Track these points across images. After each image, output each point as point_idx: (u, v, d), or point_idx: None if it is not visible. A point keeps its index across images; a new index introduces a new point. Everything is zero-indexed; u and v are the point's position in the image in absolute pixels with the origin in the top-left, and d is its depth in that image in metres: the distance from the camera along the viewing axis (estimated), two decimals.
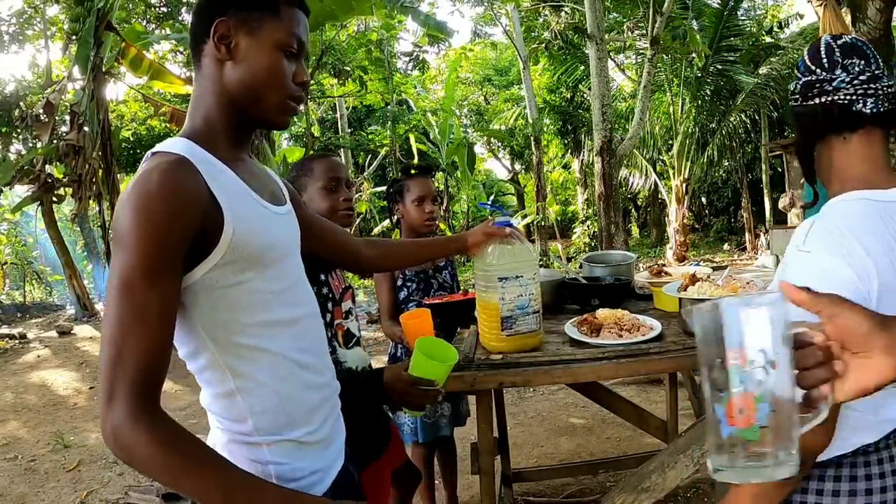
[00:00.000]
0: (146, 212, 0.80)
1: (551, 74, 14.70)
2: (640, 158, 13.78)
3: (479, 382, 1.52)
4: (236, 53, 0.94)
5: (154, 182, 0.82)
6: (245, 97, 0.95)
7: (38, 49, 13.20)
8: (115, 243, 0.82)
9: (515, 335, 1.45)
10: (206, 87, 0.96)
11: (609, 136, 8.27)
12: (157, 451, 0.77)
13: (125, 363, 0.79)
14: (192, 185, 0.85)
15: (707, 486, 2.81)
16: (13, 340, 8.54)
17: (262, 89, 0.95)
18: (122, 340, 0.79)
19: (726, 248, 15.33)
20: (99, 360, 0.82)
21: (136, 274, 0.80)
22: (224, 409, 0.93)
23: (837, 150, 0.99)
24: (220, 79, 0.95)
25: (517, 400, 4.45)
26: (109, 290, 0.82)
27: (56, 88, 7.40)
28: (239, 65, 0.94)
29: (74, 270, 10.71)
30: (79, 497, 3.38)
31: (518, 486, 2.86)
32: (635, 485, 1.59)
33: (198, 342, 0.90)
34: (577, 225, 15.61)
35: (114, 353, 0.79)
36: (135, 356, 0.79)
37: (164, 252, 0.81)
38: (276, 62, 0.94)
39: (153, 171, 0.83)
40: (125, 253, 0.80)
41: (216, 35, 0.93)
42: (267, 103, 0.96)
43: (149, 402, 0.80)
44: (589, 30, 8.45)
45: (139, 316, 0.79)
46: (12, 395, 5.82)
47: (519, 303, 1.42)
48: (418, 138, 14.68)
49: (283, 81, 0.96)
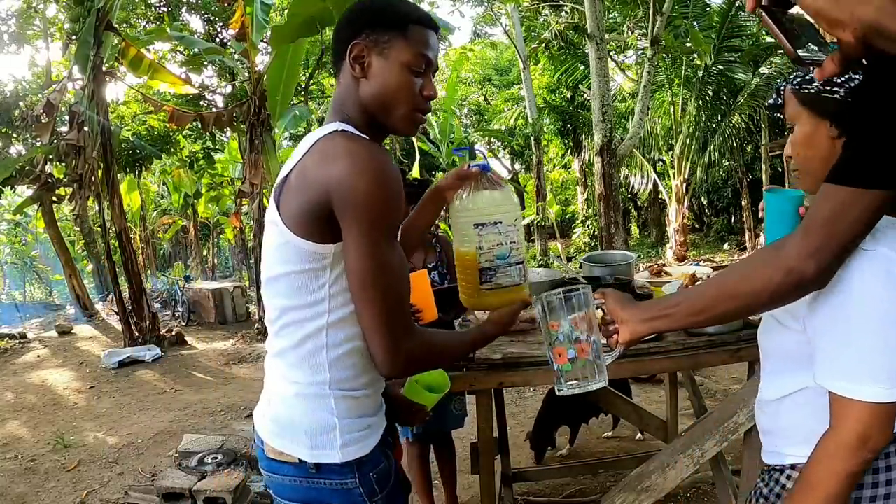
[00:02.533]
0: (387, 186, 0.97)
1: (551, 74, 14.68)
2: (640, 158, 13.77)
3: (479, 382, 1.52)
4: (369, 72, 1.05)
5: (385, 162, 0.98)
6: (377, 109, 1.07)
7: (38, 49, 13.23)
8: (360, 206, 0.95)
9: (496, 289, 1.26)
10: (345, 97, 1.08)
11: (609, 136, 8.27)
12: (426, 353, 1.07)
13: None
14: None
15: (707, 486, 2.81)
16: (13, 340, 8.54)
17: (392, 103, 1.06)
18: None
19: (726, 248, 15.33)
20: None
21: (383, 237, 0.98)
22: (307, 362, 1.05)
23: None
24: (357, 92, 1.07)
25: (517, 400, 4.45)
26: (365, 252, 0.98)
27: (56, 88, 7.39)
28: (371, 82, 1.05)
29: (74, 270, 10.72)
30: (79, 497, 3.38)
31: (518, 486, 2.86)
32: (635, 485, 1.59)
33: (317, 297, 1.03)
34: (577, 225, 15.60)
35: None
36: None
37: (397, 220, 1.02)
38: (403, 80, 1.05)
39: (376, 152, 0.98)
40: (374, 214, 0.96)
41: (351, 56, 1.05)
42: (396, 115, 1.07)
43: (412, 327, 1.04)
44: (589, 29, 8.45)
45: (388, 268, 0.99)
46: (12, 395, 5.83)
47: (499, 252, 1.24)
48: (419, 138, 14.68)
49: (410, 97, 1.06)
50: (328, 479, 1.03)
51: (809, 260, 0.82)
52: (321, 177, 0.97)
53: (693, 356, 1.57)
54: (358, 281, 0.98)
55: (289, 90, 7.61)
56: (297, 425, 1.04)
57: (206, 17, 11.80)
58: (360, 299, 0.99)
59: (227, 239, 21.54)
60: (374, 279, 0.97)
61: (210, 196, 16.79)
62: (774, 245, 0.88)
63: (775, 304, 0.89)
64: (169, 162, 14.37)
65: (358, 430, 1.06)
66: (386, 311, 0.98)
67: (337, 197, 0.95)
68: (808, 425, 0.94)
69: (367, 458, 1.06)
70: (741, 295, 0.90)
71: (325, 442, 1.03)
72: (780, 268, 0.84)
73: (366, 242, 0.96)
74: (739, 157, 14.45)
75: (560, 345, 1.05)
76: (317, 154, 1.00)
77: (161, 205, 20.94)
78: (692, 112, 12.38)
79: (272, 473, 1.08)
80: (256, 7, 7.23)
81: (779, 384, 1.02)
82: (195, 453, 3.24)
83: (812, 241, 0.82)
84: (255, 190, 7.60)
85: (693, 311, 0.95)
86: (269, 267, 1.06)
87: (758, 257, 0.92)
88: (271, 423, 1.08)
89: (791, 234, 0.86)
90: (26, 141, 10.01)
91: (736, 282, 0.91)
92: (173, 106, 8.10)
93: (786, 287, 0.85)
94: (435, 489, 2.76)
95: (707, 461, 1.70)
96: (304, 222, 0.99)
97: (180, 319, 9.78)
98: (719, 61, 12.11)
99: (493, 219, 1.23)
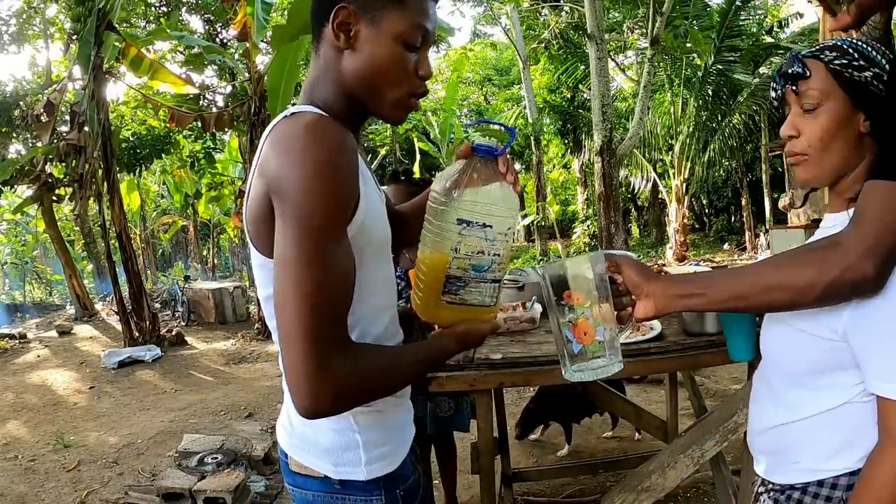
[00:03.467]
0: (329, 178, 0.78)
1: (551, 74, 14.70)
2: (640, 158, 13.78)
3: (479, 382, 1.52)
4: (355, 43, 0.89)
5: (334, 149, 0.80)
6: (362, 90, 0.90)
7: (38, 49, 13.23)
8: (288, 201, 0.78)
9: (459, 305, 0.97)
10: (323, 72, 0.92)
11: (609, 136, 8.27)
12: (363, 380, 0.82)
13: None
14: (352, 145, 0.84)
15: (707, 486, 2.81)
16: (13, 340, 8.55)
17: (381, 84, 0.90)
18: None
19: (726, 248, 15.34)
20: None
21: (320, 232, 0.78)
22: None
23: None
24: (338, 66, 0.90)
25: (517, 400, 4.44)
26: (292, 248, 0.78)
27: (56, 88, 7.40)
28: (357, 55, 0.89)
29: (74, 270, 10.73)
30: (79, 497, 3.38)
31: (518, 486, 2.86)
32: (635, 485, 1.59)
33: None
34: (577, 225, 15.60)
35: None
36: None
37: (339, 218, 0.81)
38: (396, 56, 0.89)
39: (328, 134, 0.80)
40: (305, 210, 0.78)
41: (336, 21, 0.88)
42: (384, 98, 0.91)
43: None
44: (589, 29, 8.45)
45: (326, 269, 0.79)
46: (12, 395, 5.83)
47: (476, 262, 0.94)
48: (419, 138, 14.68)
49: (403, 77, 0.90)
50: (353, 495, 0.96)
51: (867, 258, 0.79)
52: (265, 173, 0.82)
53: (693, 356, 1.57)
54: (278, 283, 0.78)
55: (289, 90, 7.62)
56: (319, 442, 0.95)
57: (206, 17, 11.81)
58: (277, 306, 0.78)
59: (229, 237, 21.54)
60: (298, 280, 0.76)
61: (210, 196, 16.77)
62: (827, 240, 0.85)
63: (823, 301, 0.84)
64: (169, 162, 14.37)
65: (383, 445, 0.97)
66: (311, 320, 0.75)
67: (273, 193, 0.80)
68: (841, 437, 0.90)
69: (395, 473, 0.97)
70: (789, 287, 0.84)
71: (349, 459, 0.94)
72: (838, 264, 0.80)
73: (292, 237, 0.77)
74: (739, 157, 14.46)
75: (587, 320, 0.90)
76: (266, 147, 0.85)
77: (161, 205, 20.95)
78: (692, 112, 12.39)
79: (296, 487, 1.01)
80: (257, 7, 7.24)
81: (804, 400, 0.95)
82: (195, 453, 3.24)
83: (868, 238, 0.79)
84: None
85: (733, 294, 0.88)
86: (258, 284, 0.94)
87: (810, 251, 0.86)
88: (293, 437, 1.00)
89: (844, 231, 0.83)
90: (26, 141, 10.02)
91: (784, 273, 0.85)
92: (173, 106, 8.10)
93: (841, 284, 0.81)
94: (435, 489, 2.77)
95: (707, 461, 1.70)
96: (260, 231, 0.85)
97: (180, 319, 9.79)
98: (719, 61, 12.12)
99: (482, 219, 0.93)
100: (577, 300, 0.90)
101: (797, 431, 0.95)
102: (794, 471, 0.96)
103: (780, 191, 11.72)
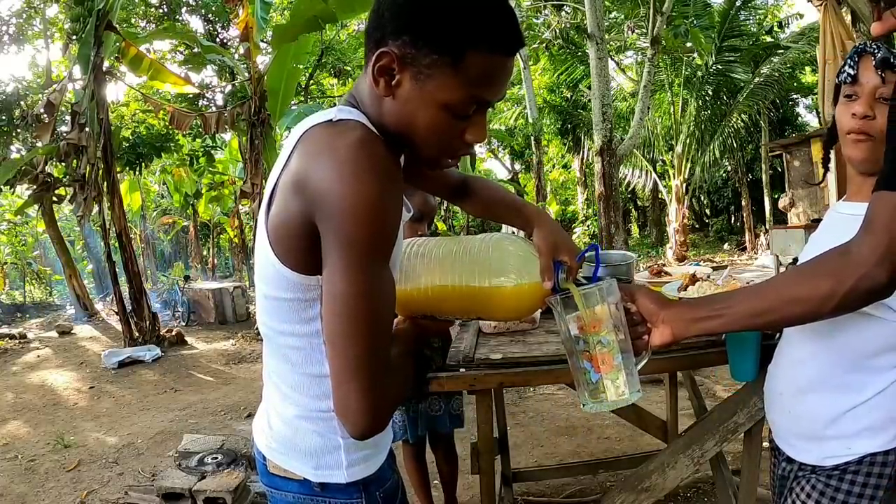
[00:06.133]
0: (379, 198, 0.74)
1: (551, 74, 14.70)
2: (640, 158, 13.78)
3: (479, 382, 1.52)
4: (397, 92, 0.79)
5: (379, 165, 0.75)
6: (401, 135, 0.83)
7: (38, 49, 13.23)
8: (341, 231, 0.75)
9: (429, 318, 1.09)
10: (369, 97, 0.84)
11: (609, 136, 8.27)
12: (399, 394, 0.88)
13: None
14: (399, 172, 0.83)
15: (707, 486, 2.81)
16: (13, 340, 8.55)
17: (419, 143, 0.83)
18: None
19: (726, 248, 15.35)
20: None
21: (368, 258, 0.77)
22: (309, 387, 0.93)
23: None
24: (379, 106, 0.83)
25: (517, 400, 4.44)
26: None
27: (56, 88, 7.39)
28: (396, 104, 0.80)
29: (74, 270, 10.73)
30: (79, 497, 3.38)
31: (518, 486, 2.86)
32: (635, 485, 1.59)
33: (312, 328, 0.89)
34: (578, 225, 15.61)
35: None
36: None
37: (388, 239, 0.79)
38: (441, 123, 0.80)
39: (373, 150, 0.76)
40: (360, 247, 0.76)
41: (377, 65, 0.78)
42: (420, 153, 0.86)
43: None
44: (589, 29, 8.45)
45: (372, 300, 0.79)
46: (12, 395, 5.83)
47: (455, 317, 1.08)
48: None
49: (444, 142, 0.83)
50: (334, 497, 0.97)
51: (881, 266, 0.81)
52: (305, 191, 0.77)
53: (693, 356, 1.57)
54: (330, 316, 0.77)
55: (289, 90, 7.64)
56: (300, 445, 0.96)
57: (206, 17, 11.82)
58: (334, 334, 0.77)
59: (229, 237, 21.54)
60: (353, 316, 0.76)
61: (210, 196, 16.78)
62: (839, 250, 0.87)
63: (841, 310, 0.87)
64: (169, 161, 14.37)
65: (364, 448, 0.97)
66: (367, 352, 0.77)
67: (320, 220, 0.77)
68: (887, 414, 0.98)
69: (374, 476, 0.99)
70: (805, 300, 0.86)
71: (329, 462, 0.95)
72: (853, 273, 0.83)
73: (344, 271, 0.75)
74: (739, 157, 14.47)
75: (604, 349, 0.90)
76: (304, 157, 0.80)
77: (161, 205, 20.95)
78: (692, 112, 12.39)
79: (275, 489, 1.02)
80: (257, 7, 7.25)
81: (867, 382, 1.01)
82: (195, 453, 3.24)
83: (880, 245, 0.82)
84: (257, 190, 7.62)
85: (753, 312, 0.90)
86: (259, 280, 0.92)
87: (823, 262, 0.89)
88: (272, 440, 1.00)
89: (854, 240, 0.85)
90: (26, 141, 10.02)
91: (800, 286, 0.88)
92: (174, 106, 8.10)
93: (857, 292, 0.83)
94: (435, 489, 2.76)
95: (707, 461, 1.70)
96: (291, 247, 0.83)
97: (180, 319, 9.79)
98: (719, 61, 12.13)
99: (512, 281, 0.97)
100: (592, 330, 0.90)
101: (861, 413, 1.01)
102: (843, 453, 1.02)
103: (780, 191, 11.73)
